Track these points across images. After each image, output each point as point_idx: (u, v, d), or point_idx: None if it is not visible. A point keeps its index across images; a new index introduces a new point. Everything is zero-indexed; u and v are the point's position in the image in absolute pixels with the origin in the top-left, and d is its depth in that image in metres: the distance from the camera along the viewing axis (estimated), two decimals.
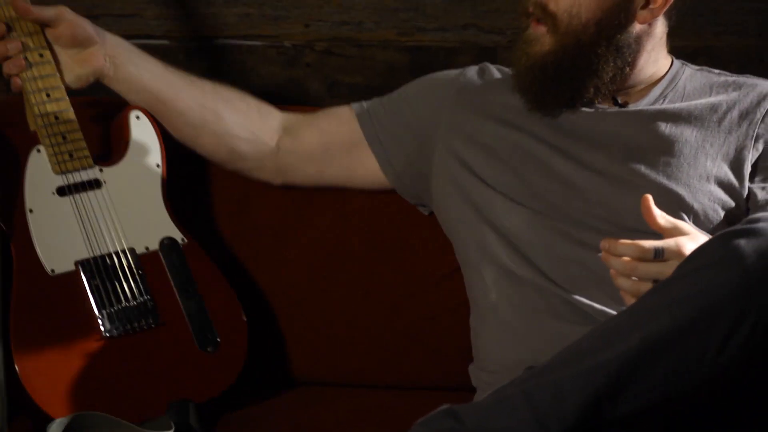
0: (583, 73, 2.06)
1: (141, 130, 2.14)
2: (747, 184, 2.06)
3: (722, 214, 2.04)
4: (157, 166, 2.13)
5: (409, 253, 2.31)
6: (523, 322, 2.03)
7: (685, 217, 2.02)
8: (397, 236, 2.31)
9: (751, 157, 2.07)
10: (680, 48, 2.19)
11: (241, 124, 2.24)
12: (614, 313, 1.89)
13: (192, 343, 2.00)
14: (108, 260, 1.99)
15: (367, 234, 2.31)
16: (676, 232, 1.77)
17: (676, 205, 2.01)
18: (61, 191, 2.01)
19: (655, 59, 2.13)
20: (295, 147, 2.26)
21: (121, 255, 2.01)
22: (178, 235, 2.08)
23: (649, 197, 1.78)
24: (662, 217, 1.79)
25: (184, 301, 2.02)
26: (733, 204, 2.05)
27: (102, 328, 1.95)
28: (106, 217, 2.03)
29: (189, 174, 2.26)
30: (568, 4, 2.03)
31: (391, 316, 2.30)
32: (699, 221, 2.02)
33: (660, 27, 2.10)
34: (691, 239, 1.74)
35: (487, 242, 2.11)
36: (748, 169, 2.07)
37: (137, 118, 2.14)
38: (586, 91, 2.07)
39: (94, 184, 2.04)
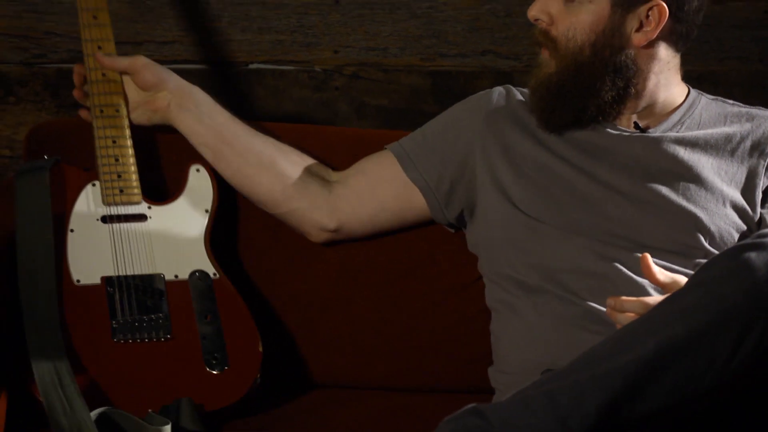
0: (583, 92, 2.08)
1: (198, 180, 2.23)
2: (759, 209, 2.10)
3: (736, 236, 2.07)
4: (206, 211, 2.22)
5: (431, 265, 2.34)
6: (544, 329, 2.06)
7: (702, 238, 2.05)
8: (420, 249, 2.34)
9: (762, 185, 2.11)
10: (686, 73, 2.21)
11: (296, 164, 2.26)
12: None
13: (200, 361, 2.06)
14: (132, 280, 2.09)
15: (391, 247, 2.33)
16: (675, 286, 1.82)
17: (693, 227, 2.05)
18: (105, 219, 2.15)
19: (665, 84, 2.15)
20: (345, 192, 2.26)
21: (147, 278, 2.11)
22: (210, 270, 2.16)
23: (648, 256, 1.83)
24: (661, 273, 1.84)
25: (202, 325, 2.09)
26: (745, 227, 2.09)
27: (113, 333, 2.04)
28: (143, 246, 2.14)
29: (230, 209, 2.33)
30: (565, 28, 2.06)
31: (414, 323, 2.33)
32: (715, 242, 2.05)
33: (663, 51, 2.10)
34: None
35: (512, 258, 2.13)
36: (759, 196, 2.10)
37: (197, 170, 2.25)
38: (587, 110, 2.10)
39: (139, 218, 2.16)
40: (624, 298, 1.81)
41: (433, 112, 2.57)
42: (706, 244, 2.05)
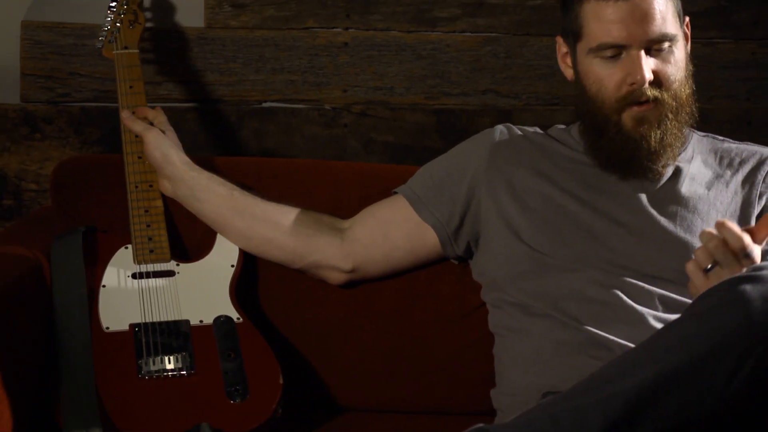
0: (682, 127, 2.14)
1: (225, 241, 2.31)
2: None
3: None
4: (231, 266, 2.29)
5: (436, 294, 2.34)
6: (546, 353, 2.06)
7: None
8: (425, 280, 2.34)
9: (756, 213, 2.12)
10: None
11: (302, 222, 2.27)
12: (632, 346, 1.84)
13: (222, 393, 2.09)
14: (159, 326, 2.16)
15: (397, 278, 2.33)
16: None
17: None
18: (135, 276, 2.24)
19: None
20: (358, 236, 2.26)
21: (173, 323, 2.17)
22: (234, 315, 2.21)
23: (725, 222, 1.81)
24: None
25: (225, 362, 2.13)
26: None
27: (138, 370, 2.09)
28: (170, 297, 2.22)
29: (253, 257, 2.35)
30: (668, 73, 2.09)
31: (420, 349, 2.34)
32: None
33: None
34: None
35: (517, 287, 2.13)
36: (753, 223, 2.10)
37: None
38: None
39: (168, 273, 2.25)
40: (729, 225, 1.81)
41: (437, 148, 2.64)
42: None
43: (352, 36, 2.68)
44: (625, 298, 2.04)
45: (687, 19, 2.16)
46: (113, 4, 2.44)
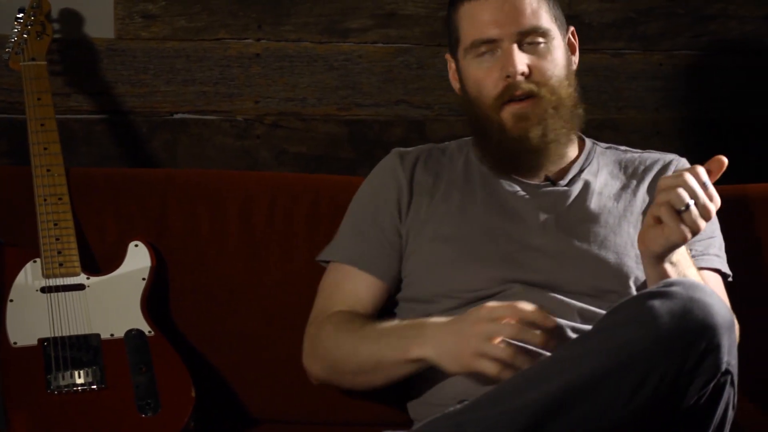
0: (566, 131, 2.15)
1: (136, 254, 2.31)
2: None
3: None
4: (143, 279, 2.28)
5: None
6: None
7: (615, 281, 2.07)
8: None
9: None
10: (588, 121, 2.23)
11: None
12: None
13: (133, 407, 2.06)
14: (68, 339, 2.14)
15: (310, 292, 2.29)
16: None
17: (607, 272, 2.07)
18: (44, 290, 2.21)
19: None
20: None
21: (83, 337, 2.15)
22: (146, 328, 2.20)
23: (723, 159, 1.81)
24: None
25: (136, 375, 2.10)
26: None
27: (47, 385, 2.07)
28: (80, 310, 2.20)
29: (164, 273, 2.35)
30: (545, 69, 2.11)
31: None
32: (627, 284, 2.07)
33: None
34: None
35: (433, 306, 2.10)
36: None
37: (136, 246, 2.33)
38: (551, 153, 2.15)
39: (78, 287, 2.23)
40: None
41: (350, 159, 2.67)
42: (620, 286, 2.08)
43: (263, 47, 2.68)
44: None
45: (572, 28, 2.22)
46: (20, 15, 2.43)
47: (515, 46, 2.09)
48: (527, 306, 1.87)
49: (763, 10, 2.91)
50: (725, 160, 1.82)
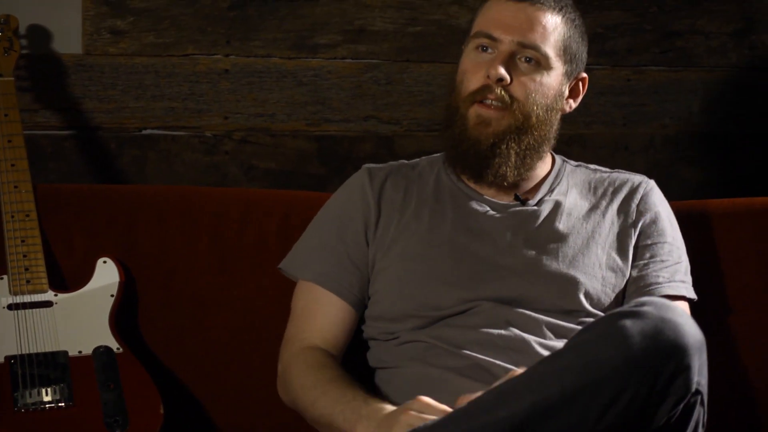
0: (530, 152, 2.14)
1: (105, 270, 2.30)
2: (629, 268, 2.14)
3: (613, 297, 2.11)
4: (111, 296, 2.27)
5: None
6: (430, 379, 2.04)
7: (583, 300, 2.08)
8: None
9: (632, 242, 2.16)
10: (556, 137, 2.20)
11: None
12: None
13: (101, 424, 2.05)
14: (36, 358, 2.13)
15: (282, 302, 2.28)
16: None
17: (575, 291, 2.08)
18: (11, 307, 2.20)
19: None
20: (336, 346, 2.16)
21: (50, 354, 2.14)
22: (114, 345, 2.19)
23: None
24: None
25: (104, 392, 2.10)
26: (623, 286, 2.13)
27: (14, 403, 2.06)
28: (48, 327, 2.19)
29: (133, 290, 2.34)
30: (526, 88, 2.11)
31: None
32: (594, 303, 2.09)
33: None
34: None
35: (400, 327, 2.11)
36: (631, 252, 2.15)
37: (104, 262, 2.31)
38: (519, 171, 2.15)
39: (45, 304, 2.22)
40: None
41: (319, 174, 2.67)
42: (588, 306, 2.09)
43: (232, 62, 2.68)
44: (511, 327, 2.06)
45: (584, 75, 2.22)
46: None
47: (508, 55, 2.11)
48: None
49: (729, 27, 2.95)
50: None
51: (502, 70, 2.09)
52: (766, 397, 2.38)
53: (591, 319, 2.06)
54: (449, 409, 1.80)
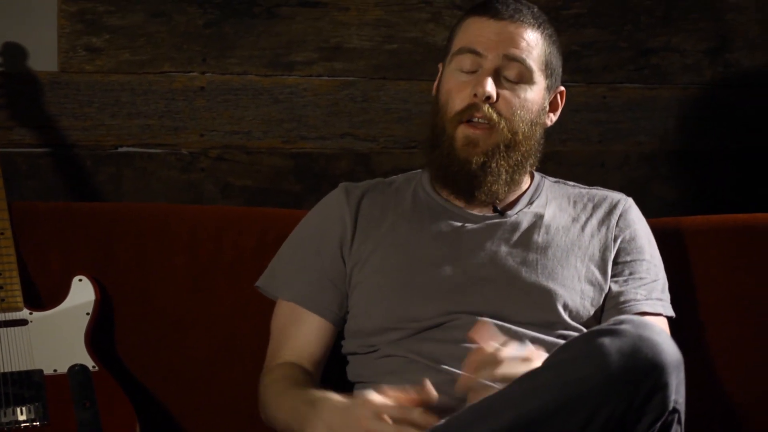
0: (517, 167, 2.16)
1: (80, 288, 2.30)
2: (609, 282, 2.15)
3: (592, 310, 2.12)
4: (87, 314, 2.27)
5: None
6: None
7: (562, 313, 2.08)
8: None
9: (611, 258, 2.17)
10: None
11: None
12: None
13: None
14: (11, 376, 2.13)
15: (262, 317, 2.28)
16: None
17: (554, 304, 2.09)
18: None
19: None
20: (313, 365, 2.17)
21: (25, 373, 2.14)
22: (90, 363, 2.19)
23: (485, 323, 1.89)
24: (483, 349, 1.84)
25: (80, 411, 2.10)
26: (601, 300, 2.14)
27: None
28: (23, 346, 2.19)
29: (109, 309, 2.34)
30: (512, 105, 2.13)
31: None
32: (573, 316, 2.10)
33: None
34: None
35: (379, 339, 2.11)
36: (610, 268, 2.16)
37: (80, 280, 2.31)
38: (505, 185, 2.16)
39: (20, 322, 2.22)
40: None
41: (295, 192, 2.67)
42: (566, 318, 2.10)
43: (208, 80, 2.67)
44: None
45: (562, 89, 2.25)
46: None
47: (493, 72, 2.12)
48: (410, 394, 1.83)
49: (704, 44, 2.96)
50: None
51: (489, 88, 2.11)
52: (744, 412, 2.39)
53: (570, 332, 2.07)
54: (404, 397, 1.80)
